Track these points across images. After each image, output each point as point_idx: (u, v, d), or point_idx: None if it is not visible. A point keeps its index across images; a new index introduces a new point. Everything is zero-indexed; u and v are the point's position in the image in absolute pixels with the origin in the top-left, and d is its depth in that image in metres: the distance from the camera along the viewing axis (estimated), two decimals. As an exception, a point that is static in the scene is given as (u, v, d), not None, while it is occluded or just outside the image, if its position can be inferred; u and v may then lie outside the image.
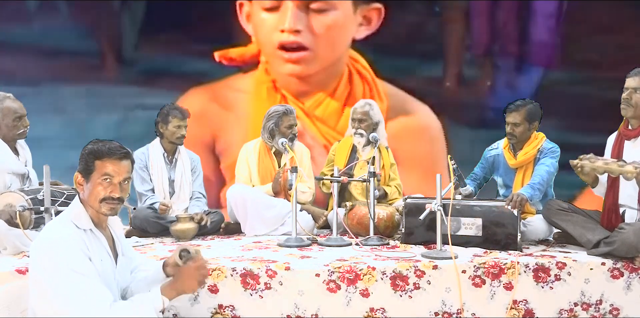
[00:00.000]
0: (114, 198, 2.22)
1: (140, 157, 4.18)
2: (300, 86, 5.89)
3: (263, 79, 5.87)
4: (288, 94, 5.86)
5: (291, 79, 5.85)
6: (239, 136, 5.69)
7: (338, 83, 5.91)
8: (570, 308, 3.08)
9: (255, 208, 4.03)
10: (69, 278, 2.05)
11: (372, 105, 4.38)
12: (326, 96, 5.92)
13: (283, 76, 5.84)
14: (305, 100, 5.90)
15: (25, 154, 3.91)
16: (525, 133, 3.83)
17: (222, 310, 2.94)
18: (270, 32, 5.73)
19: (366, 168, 3.79)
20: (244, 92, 5.91)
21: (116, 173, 2.22)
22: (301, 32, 5.68)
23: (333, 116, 5.90)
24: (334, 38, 5.78)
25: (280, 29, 5.68)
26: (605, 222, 3.40)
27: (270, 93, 5.85)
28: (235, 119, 5.88)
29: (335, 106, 5.90)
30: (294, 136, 4.30)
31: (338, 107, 5.90)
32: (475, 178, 4.12)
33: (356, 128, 4.32)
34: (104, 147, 2.23)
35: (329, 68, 5.87)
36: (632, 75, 3.35)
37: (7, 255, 3.30)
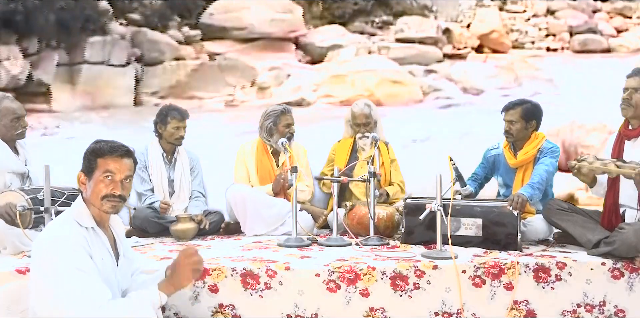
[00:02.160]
0: (115, 195, 2.24)
1: (139, 157, 4.16)
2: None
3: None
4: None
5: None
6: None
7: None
8: (573, 309, 3.08)
9: (254, 208, 4.03)
10: (70, 274, 2.06)
11: (370, 105, 4.39)
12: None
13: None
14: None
15: (25, 154, 3.91)
16: (522, 131, 3.83)
17: (222, 310, 2.95)
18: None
19: (366, 167, 3.79)
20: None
21: (118, 170, 2.25)
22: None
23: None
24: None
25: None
26: (605, 222, 3.40)
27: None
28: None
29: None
30: (291, 134, 4.31)
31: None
32: (476, 178, 4.12)
33: (362, 132, 4.33)
34: (105, 145, 2.26)
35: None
36: (633, 75, 3.36)
37: (7, 255, 3.30)
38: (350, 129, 4.48)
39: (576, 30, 13.91)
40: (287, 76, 4.95)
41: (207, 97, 4.77)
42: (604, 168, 3.14)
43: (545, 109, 3.70)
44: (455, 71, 4.84)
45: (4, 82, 4.26)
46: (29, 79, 4.52)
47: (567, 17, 15.36)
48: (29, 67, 4.63)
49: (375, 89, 4.98)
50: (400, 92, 4.59)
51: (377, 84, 4.82)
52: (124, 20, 9.75)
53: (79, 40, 5.12)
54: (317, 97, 4.90)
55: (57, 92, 4.06)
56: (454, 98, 4.74)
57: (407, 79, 4.63)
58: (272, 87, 5.00)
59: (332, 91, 4.93)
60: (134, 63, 5.02)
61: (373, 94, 4.90)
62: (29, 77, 4.53)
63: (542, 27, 14.76)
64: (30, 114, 3.67)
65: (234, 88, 4.99)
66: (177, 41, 5.41)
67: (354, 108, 4.41)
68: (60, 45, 5.10)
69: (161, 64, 4.87)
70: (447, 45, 6.23)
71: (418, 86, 4.90)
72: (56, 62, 4.91)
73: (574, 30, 13.84)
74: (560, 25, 14.57)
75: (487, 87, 4.54)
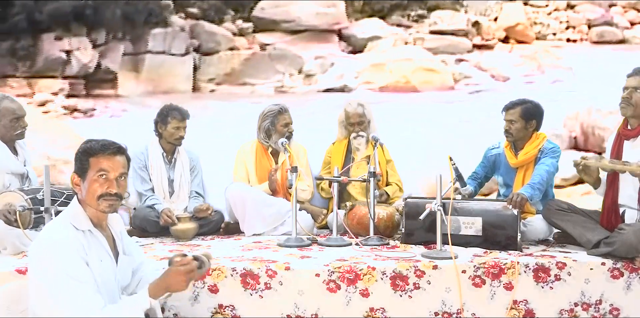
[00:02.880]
0: (111, 193, 2.21)
1: (139, 157, 4.17)
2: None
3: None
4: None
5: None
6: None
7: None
8: (570, 309, 3.08)
9: (254, 207, 4.03)
10: (63, 282, 2.06)
11: (363, 105, 4.39)
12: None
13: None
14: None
15: (25, 154, 3.90)
16: (521, 130, 3.83)
17: (222, 310, 2.95)
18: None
19: (363, 168, 3.79)
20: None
21: (111, 168, 2.21)
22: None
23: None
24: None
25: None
26: (605, 222, 3.40)
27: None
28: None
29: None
30: (290, 134, 4.30)
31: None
32: (476, 178, 4.12)
33: (357, 131, 4.33)
34: (96, 144, 2.23)
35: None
36: (632, 74, 3.35)
37: (7, 255, 3.30)
38: (344, 130, 4.47)
39: (593, 23, 15.23)
40: (331, 64, 5.26)
41: (259, 84, 5.01)
42: (611, 166, 3.14)
43: (565, 94, 3.76)
44: (483, 60, 5.16)
45: (75, 70, 4.48)
46: (97, 67, 4.77)
47: (586, 11, 17.12)
48: (98, 56, 4.84)
49: (411, 76, 5.32)
50: (434, 79, 4.95)
51: (413, 72, 5.17)
52: (183, 14, 10.86)
53: (142, 32, 5.43)
54: (358, 83, 5.17)
55: (123, 79, 4.42)
56: (482, 84, 5.05)
57: (439, 67, 4.97)
58: (317, 74, 5.30)
59: (372, 78, 5.20)
60: (192, 53, 5.33)
61: (409, 81, 5.22)
62: (98, 66, 4.78)
63: (562, 20, 16.42)
64: (99, 99, 4.15)
65: (283, 75, 5.27)
66: (232, 33, 5.87)
67: (347, 108, 4.41)
68: (125, 36, 5.43)
69: (217, 54, 5.28)
70: (476, 36, 6.68)
71: (450, 73, 5.20)
72: (122, 52, 5.19)
73: (591, 23, 15.15)
74: (579, 18, 16.16)
75: (512, 75, 4.89)
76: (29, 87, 3.54)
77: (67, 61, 4.06)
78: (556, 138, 4.06)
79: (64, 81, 3.79)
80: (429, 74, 4.91)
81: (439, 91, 4.80)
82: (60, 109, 3.62)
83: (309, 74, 4.85)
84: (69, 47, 4.58)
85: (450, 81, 4.93)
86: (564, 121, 4.00)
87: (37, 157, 3.83)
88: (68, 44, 4.65)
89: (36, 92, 3.68)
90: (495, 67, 5.01)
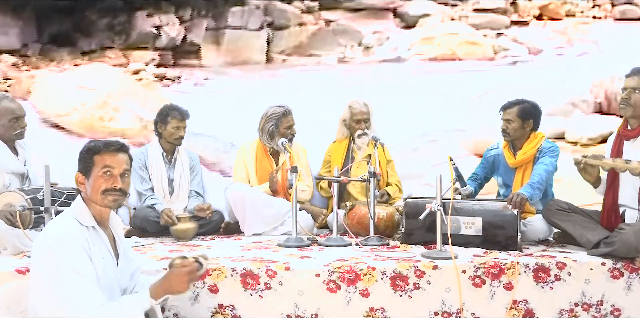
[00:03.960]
0: (115, 189, 2.24)
1: (139, 156, 4.17)
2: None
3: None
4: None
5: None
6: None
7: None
8: (570, 309, 3.08)
9: (254, 207, 4.03)
10: (66, 275, 2.07)
11: (367, 104, 4.40)
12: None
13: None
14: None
15: (25, 154, 3.89)
16: (518, 130, 3.83)
17: (222, 310, 2.94)
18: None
19: (363, 168, 3.79)
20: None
21: (115, 164, 2.26)
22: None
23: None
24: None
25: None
26: (605, 222, 3.40)
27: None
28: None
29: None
30: (292, 136, 4.30)
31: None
32: (475, 178, 4.12)
33: (362, 128, 4.32)
34: (100, 143, 2.28)
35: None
36: (631, 74, 3.35)
37: (7, 255, 3.29)
38: (345, 130, 4.47)
39: (616, 2, 16.41)
40: (386, 38, 5.85)
41: (324, 55, 5.56)
42: (612, 164, 3.13)
43: (591, 65, 4.25)
44: (519, 35, 5.79)
45: (164, 43, 5.02)
46: (183, 40, 5.29)
47: (610, -9, 17.94)
48: (184, 31, 5.30)
49: (456, 49, 5.87)
50: (476, 51, 5.58)
51: (458, 45, 5.78)
52: (258, -6, 11.59)
53: (223, 10, 6.02)
54: (410, 55, 5.65)
55: (206, 51, 5.04)
56: (519, 56, 5.65)
57: (481, 40, 5.64)
58: (374, 47, 5.88)
59: (422, 50, 5.70)
60: (266, 28, 5.92)
61: (455, 53, 5.73)
62: (184, 39, 5.29)
63: (589, -1, 17.06)
64: (184, 68, 4.90)
65: (344, 48, 5.78)
66: (300, 10, 6.59)
67: (353, 105, 4.40)
68: (208, 14, 6.05)
69: (287, 29, 5.86)
70: (514, 14, 7.49)
71: (490, 46, 5.78)
72: (205, 28, 5.70)
73: (614, 2, 16.37)
74: (604, -3, 16.74)
75: (545, 48, 5.49)
76: (124, 58, 4.27)
77: (157, 35, 4.76)
78: (583, 103, 4.80)
79: (155, 53, 4.46)
80: (472, 47, 5.60)
81: (480, 61, 5.54)
82: (151, 77, 4.33)
83: (368, 47, 5.54)
84: (159, 23, 5.27)
85: (491, 53, 5.62)
86: (590, 88, 4.65)
87: (132, 119, 4.50)
88: (158, 20, 5.31)
89: (130, 62, 4.39)
90: (530, 41, 5.67)
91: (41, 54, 4.65)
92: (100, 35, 4.80)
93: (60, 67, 4.52)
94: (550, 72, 4.99)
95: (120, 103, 4.39)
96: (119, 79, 4.67)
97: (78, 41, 4.71)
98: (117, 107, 4.51)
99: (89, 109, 4.46)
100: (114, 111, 4.48)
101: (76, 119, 4.48)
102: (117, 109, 4.49)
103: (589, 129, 4.41)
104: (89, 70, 4.65)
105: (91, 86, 4.59)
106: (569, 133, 4.68)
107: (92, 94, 4.54)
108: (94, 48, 4.78)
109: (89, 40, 4.72)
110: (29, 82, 4.56)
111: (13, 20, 4.56)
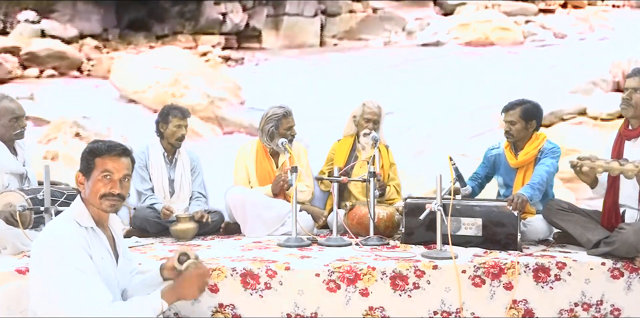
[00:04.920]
0: (113, 194, 2.24)
1: (139, 156, 4.17)
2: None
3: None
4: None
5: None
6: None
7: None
8: (570, 308, 3.08)
9: (254, 210, 4.02)
10: (70, 275, 2.06)
11: (381, 107, 4.40)
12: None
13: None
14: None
15: (24, 154, 3.90)
16: (522, 131, 3.83)
17: (222, 309, 2.95)
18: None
19: (366, 167, 3.79)
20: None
21: (116, 169, 2.25)
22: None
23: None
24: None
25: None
26: (605, 222, 3.40)
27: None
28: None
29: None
30: (292, 137, 4.30)
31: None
32: (476, 178, 4.12)
33: (370, 128, 4.31)
34: (103, 145, 2.27)
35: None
36: (632, 75, 3.35)
37: (7, 255, 3.29)
38: (353, 126, 4.46)
39: None
40: (427, 24, 6.30)
41: (371, 39, 5.95)
42: (606, 166, 3.13)
43: (610, 48, 4.67)
44: (546, 21, 6.30)
45: (229, 28, 5.41)
46: (246, 26, 5.69)
47: (629, -18, 18.87)
48: (247, 18, 5.63)
49: (490, 34, 6.37)
50: (507, 36, 6.08)
51: (491, 30, 6.26)
52: (312, -16, 12.18)
53: None
54: (448, 39, 6.03)
55: (266, 35, 5.53)
56: (545, 40, 6.11)
57: (512, 26, 6.14)
58: (416, 32, 6.28)
59: (459, 35, 6.14)
60: (320, 15, 6.32)
61: (488, 37, 6.24)
62: (247, 25, 5.70)
63: (610, -11, 17.81)
64: (247, 51, 5.44)
65: (389, 33, 6.14)
66: None
67: (367, 104, 4.38)
68: (268, 2, 6.42)
69: (339, 16, 6.32)
70: (541, 2, 8.03)
71: (520, 32, 6.23)
72: (265, 14, 6.07)
73: None
74: (623, -13, 17.53)
75: (569, 33, 6.01)
76: (194, 42, 4.91)
77: (223, 21, 5.31)
78: (603, 82, 5.43)
79: (220, 37, 5.07)
80: (503, 32, 6.15)
81: (511, 45, 6.07)
82: (217, 58, 4.92)
83: (410, 32, 6.05)
84: (225, 10, 5.82)
85: (521, 38, 6.19)
86: (609, 69, 5.25)
87: (201, 96, 5.11)
88: (224, 8, 5.85)
89: (199, 45, 5.02)
90: (555, 27, 6.18)
91: (120, 38, 5.27)
92: (172, 21, 5.36)
93: (136, 50, 5.22)
94: (573, 55, 5.61)
95: (190, 82, 5.06)
96: (189, 61, 5.30)
97: (152, 26, 5.33)
98: (187, 85, 5.13)
99: (162, 87, 5.12)
100: (184, 89, 5.10)
101: (151, 95, 5.12)
102: (187, 87, 5.11)
103: (608, 105, 5.08)
104: (162, 52, 5.31)
105: (164, 66, 5.24)
106: (590, 109, 5.26)
107: (165, 74, 5.19)
108: (166, 32, 5.40)
109: (162, 25, 5.32)
110: (109, 63, 5.21)
111: (95, 7, 5.26)
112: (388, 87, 5.14)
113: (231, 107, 5.29)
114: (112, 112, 4.83)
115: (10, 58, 5.14)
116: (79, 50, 5.25)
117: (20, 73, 5.01)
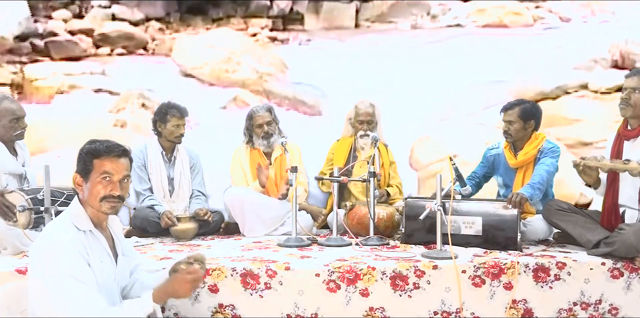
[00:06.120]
0: (114, 196, 2.21)
1: (138, 156, 4.15)
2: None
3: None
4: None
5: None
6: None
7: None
8: (569, 308, 3.09)
9: (253, 210, 4.03)
10: (65, 283, 2.05)
11: (374, 105, 4.40)
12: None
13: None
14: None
15: (24, 155, 3.89)
16: (520, 131, 3.83)
17: (222, 309, 2.95)
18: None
19: (366, 167, 3.79)
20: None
21: (115, 171, 2.21)
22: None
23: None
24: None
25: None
26: (605, 222, 3.40)
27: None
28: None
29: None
30: (265, 134, 4.31)
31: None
32: (473, 177, 4.12)
33: (364, 130, 4.33)
34: (101, 146, 2.22)
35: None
36: (631, 75, 3.35)
37: (7, 255, 3.30)
38: (350, 128, 4.48)
39: None
40: (449, 9, 6.83)
41: (400, 22, 6.61)
42: (611, 165, 3.13)
43: (610, 30, 5.45)
44: (553, 6, 6.86)
45: (275, 12, 6.11)
46: (290, 10, 6.39)
47: (628, -31, 19.99)
48: (291, 3, 6.24)
49: (504, 17, 7.05)
50: (519, 20, 6.86)
51: (505, 14, 7.04)
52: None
53: None
54: (467, 22, 6.64)
55: (308, 18, 6.34)
56: (551, 23, 6.72)
57: (523, 11, 6.79)
58: (439, 16, 6.92)
59: (477, 18, 6.84)
60: (355, 0, 6.91)
61: (502, 21, 6.97)
62: (291, 10, 6.42)
63: (610, -24, 19.15)
64: (291, 32, 6.27)
65: (416, 17, 6.72)
66: None
67: (359, 105, 4.41)
68: None
69: (372, 1, 7.11)
70: None
71: (530, 15, 6.86)
72: (307, 0, 6.65)
73: None
74: (624, -24, 18.75)
75: (573, 17, 6.59)
76: (244, 24, 5.88)
77: (270, 6, 6.04)
78: (602, 60, 6.19)
79: (268, 20, 5.94)
80: (515, 16, 6.84)
81: (522, 27, 6.79)
82: (265, 39, 5.85)
83: (434, 16, 6.64)
84: None
85: (531, 21, 6.83)
86: (608, 49, 6.22)
87: (251, 71, 5.94)
88: None
89: (249, 27, 5.72)
90: (561, 11, 6.76)
91: (180, 21, 6.06)
92: (226, 6, 6.11)
93: (195, 31, 6.02)
94: (576, 36, 6.39)
95: (241, 59, 5.91)
96: (240, 40, 6.10)
97: (209, 11, 6.11)
98: (239, 62, 5.96)
99: (217, 63, 5.95)
100: (236, 65, 5.94)
101: (207, 71, 5.94)
102: (239, 64, 5.95)
103: (607, 80, 5.88)
104: (217, 33, 6.08)
105: (219, 45, 6.07)
106: (591, 84, 5.99)
107: (220, 52, 6.01)
108: (221, 16, 6.13)
109: (217, 10, 6.11)
110: (170, 43, 5.99)
111: (159, -7, 6.27)
112: (417, 64, 5.98)
113: (277, 82, 5.97)
114: (172, 86, 5.70)
115: (85, 38, 5.95)
116: (144, 31, 6.03)
117: (94, 52, 5.90)
